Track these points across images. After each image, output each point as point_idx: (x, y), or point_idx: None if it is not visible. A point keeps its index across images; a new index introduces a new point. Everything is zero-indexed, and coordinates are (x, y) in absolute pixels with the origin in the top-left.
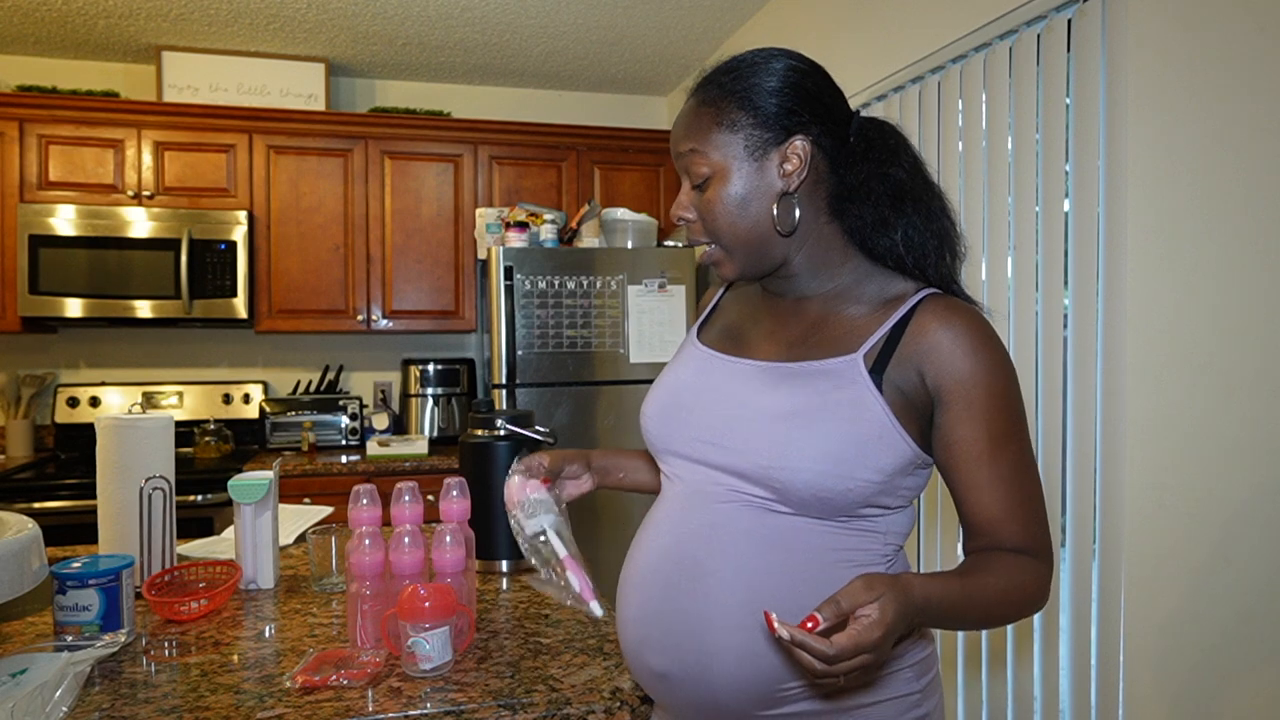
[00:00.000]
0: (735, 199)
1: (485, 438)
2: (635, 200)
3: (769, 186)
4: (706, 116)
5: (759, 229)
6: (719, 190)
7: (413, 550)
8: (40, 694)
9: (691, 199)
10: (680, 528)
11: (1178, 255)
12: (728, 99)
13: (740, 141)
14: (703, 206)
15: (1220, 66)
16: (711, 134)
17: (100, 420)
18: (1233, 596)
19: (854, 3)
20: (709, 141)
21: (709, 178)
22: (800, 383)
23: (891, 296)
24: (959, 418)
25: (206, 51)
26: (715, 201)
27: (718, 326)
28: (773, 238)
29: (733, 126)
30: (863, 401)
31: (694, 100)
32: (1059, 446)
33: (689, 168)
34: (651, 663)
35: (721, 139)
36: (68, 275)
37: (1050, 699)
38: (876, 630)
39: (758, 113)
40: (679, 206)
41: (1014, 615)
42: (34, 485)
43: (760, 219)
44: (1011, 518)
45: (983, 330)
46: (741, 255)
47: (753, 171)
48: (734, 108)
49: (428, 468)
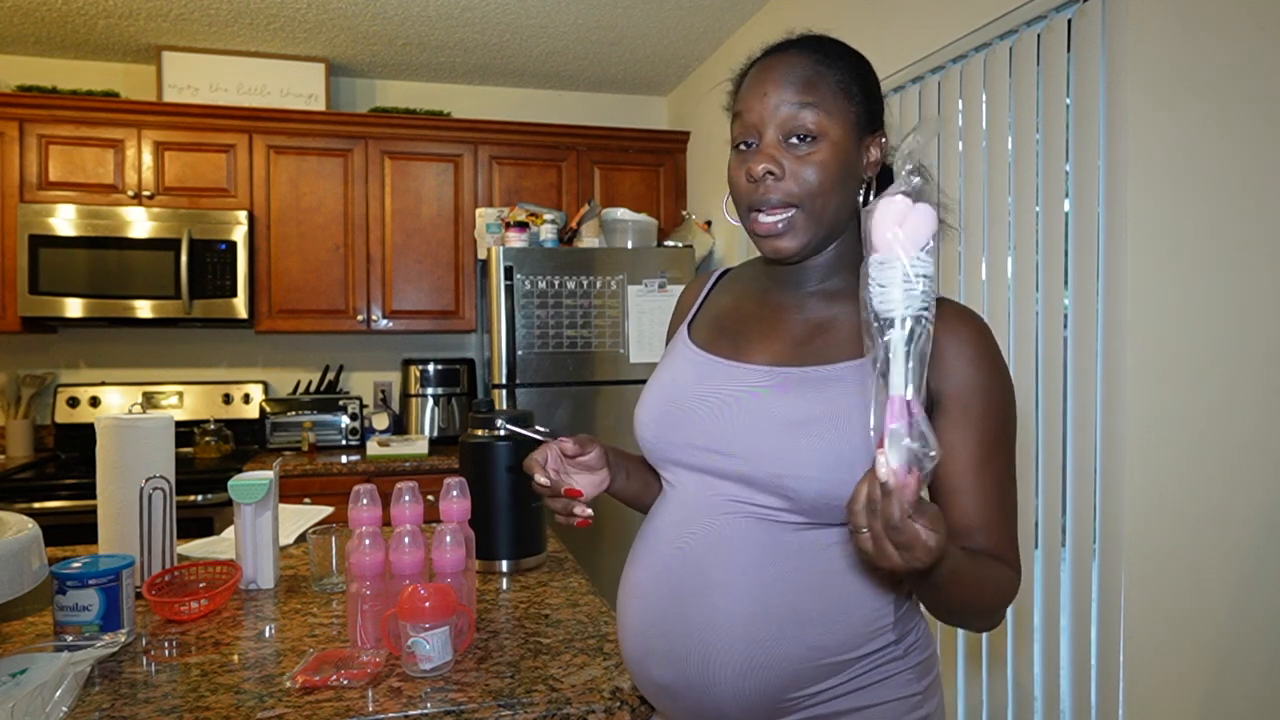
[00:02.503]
0: (839, 168)
1: (485, 438)
2: (635, 200)
3: (858, 169)
4: (829, 76)
5: (842, 208)
6: (826, 155)
7: (413, 550)
8: (40, 694)
9: (780, 153)
10: (683, 537)
11: (1178, 255)
12: (851, 70)
13: (855, 115)
14: (797, 165)
15: (1220, 66)
16: (834, 96)
17: (100, 420)
18: (1233, 596)
19: (854, 3)
20: (829, 101)
21: (816, 137)
22: (810, 389)
23: None
24: (954, 423)
25: (206, 51)
26: (820, 165)
27: (708, 324)
28: (842, 221)
29: (851, 98)
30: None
31: (811, 56)
32: (1059, 447)
33: (795, 121)
34: (655, 674)
35: (842, 105)
36: (68, 275)
37: (1051, 699)
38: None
39: (869, 93)
40: (768, 158)
41: (988, 609)
42: (34, 485)
43: (844, 199)
44: (989, 526)
45: (988, 340)
46: (816, 229)
47: (855, 147)
48: (855, 81)
49: (428, 468)
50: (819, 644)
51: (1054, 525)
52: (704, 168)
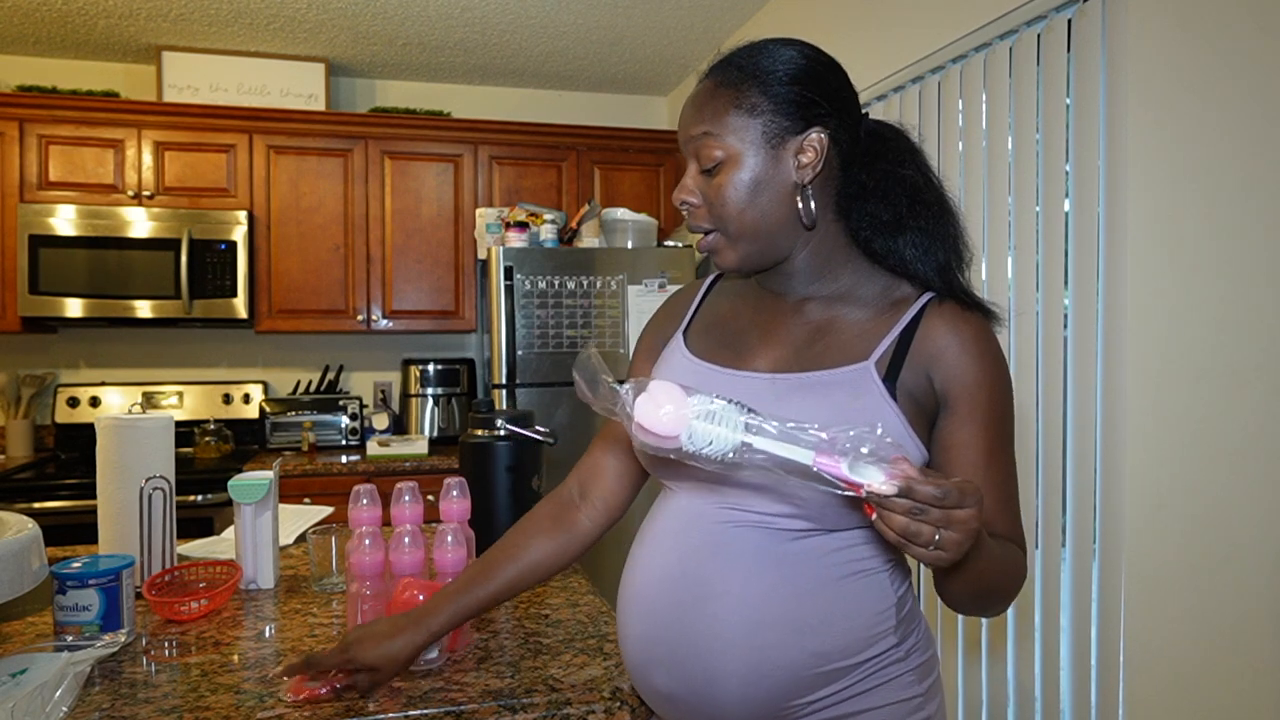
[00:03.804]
0: (746, 186)
1: (485, 438)
2: (635, 200)
3: (783, 177)
4: (724, 98)
5: (767, 220)
6: (730, 175)
7: (413, 550)
8: (40, 694)
9: (698, 183)
10: (684, 545)
11: (1178, 255)
12: (748, 82)
13: (758, 127)
14: (710, 191)
15: (1220, 66)
16: (728, 116)
17: (100, 420)
18: (1233, 596)
19: (854, 3)
20: (724, 124)
21: (720, 162)
22: (814, 394)
23: (895, 300)
24: (963, 421)
25: (206, 51)
26: (725, 186)
27: (704, 332)
28: (780, 230)
29: (751, 111)
30: (879, 411)
31: (710, 81)
32: (1059, 446)
33: (700, 150)
34: (657, 683)
35: (738, 122)
36: (68, 275)
37: (1050, 698)
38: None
39: (779, 100)
40: (683, 190)
41: (1009, 591)
42: (34, 485)
43: (769, 210)
44: (1001, 515)
45: (989, 337)
46: (745, 245)
47: (768, 159)
48: (755, 92)
49: (428, 468)
50: (821, 650)
51: (1054, 525)
52: None
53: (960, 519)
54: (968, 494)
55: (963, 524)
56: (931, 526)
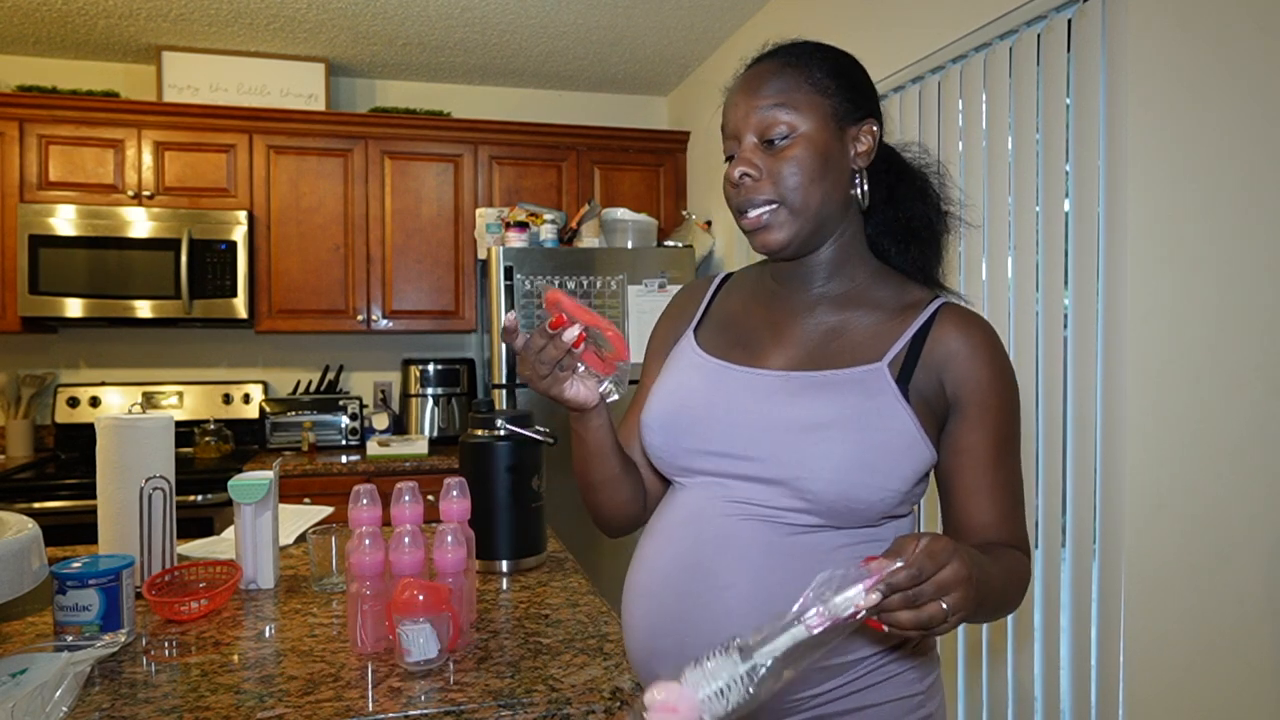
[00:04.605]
0: (817, 161)
1: (485, 438)
2: (635, 200)
3: (845, 160)
4: (795, 74)
5: (829, 199)
6: (800, 150)
7: (413, 550)
8: (40, 694)
9: (757, 155)
10: (692, 537)
11: (1178, 255)
12: (820, 63)
13: (829, 106)
14: (774, 164)
15: (1220, 66)
16: (802, 91)
17: (100, 420)
18: (1233, 596)
19: (854, 3)
20: (797, 97)
21: (789, 135)
22: (828, 393)
23: (907, 303)
24: (973, 424)
25: (206, 51)
26: (795, 160)
27: (716, 329)
28: (832, 213)
29: (824, 90)
30: (892, 411)
31: (778, 60)
32: (1059, 446)
33: (766, 121)
34: (661, 674)
35: (811, 99)
36: (68, 275)
37: (1051, 699)
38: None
39: (844, 85)
40: (744, 162)
41: (1015, 599)
42: (34, 485)
43: (830, 190)
44: (1006, 520)
45: (997, 342)
46: (801, 222)
47: (834, 139)
48: (826, 73)
49: (428, 468)
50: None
51: (1054, 525)
52: (704, 168)
53: (949, 580)
54: (938, 553)
55: (956, 583)
56: (934, 603)
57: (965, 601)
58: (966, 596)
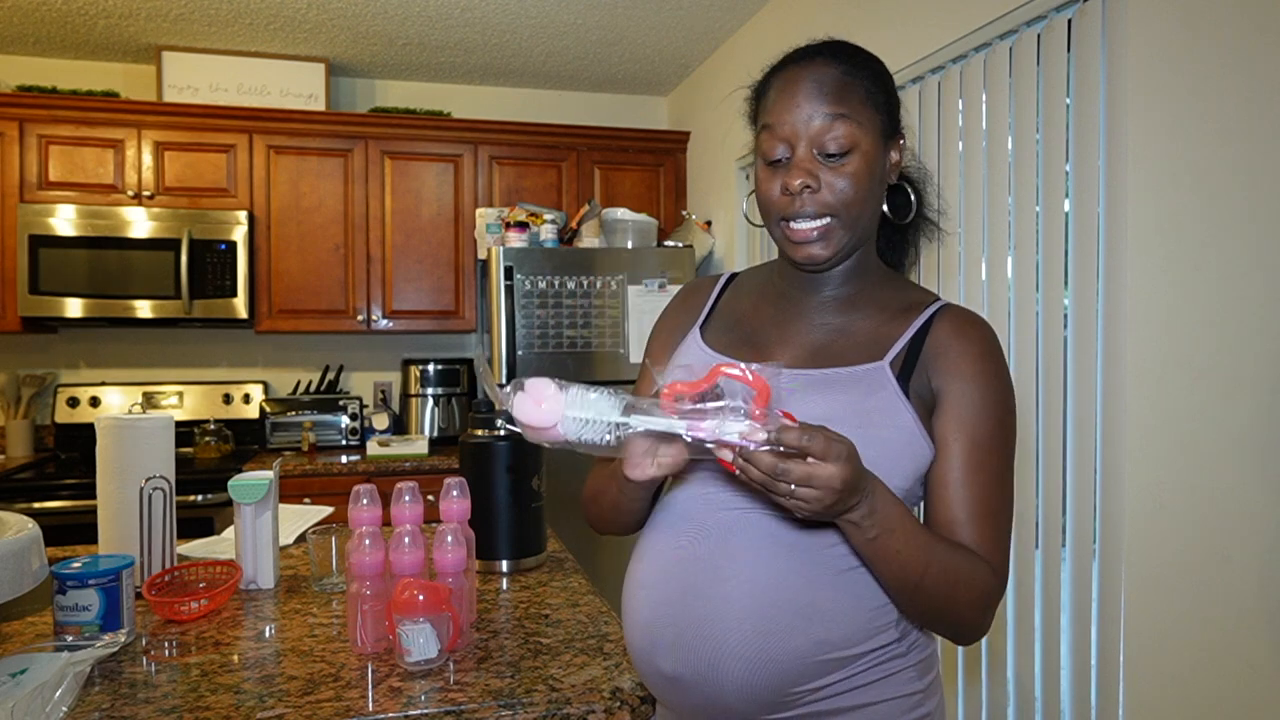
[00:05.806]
0: (870, 176)
1: (485, 438)
2: (635, 200)
3: (885, 174)
4: (857, 87)
5: (873, 216)
6: (859, 165)
7: (413, 550)
8: (40, 694)
9: (815, 165)
10: (693, 531)
11: (1178, 255)
12: (875, 77)
13: (880, 121)
14: (832, 177)
15: (1220, 66)
16: (864, 106)
17: (100, 420)
18: (1233, 596)
19: (854, 3)
20: (860, 111)
21: (851, 150)
22: (832, 390)
23: (908, 305)
24: (950, 420)
25: (206, 51)
26: (853, 176)
27: (723, 327)
28: (871, 226)
29: (877, 105)
30: (894, 409)
31: (839, 65)
32: (1059, 446)
33: (828, 133)
34: (662, 666)
35: (869, 114)
36: (68, 275)
37: (1051, 699)
38: (848, 451)
39: (889, 100)
40: (804, 173)
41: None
42: (34, 485)
43: (875, 206)
44: (973, 520)
45: (993, 346)
46: (850, 235)
47: (882, 154)
48: (878, 88)
49: (428, 468)
50: (825, 638)
51: (1054, 525)
52: (704, 168)
53: (822, 478)
54: (833, 453)
55: (825, 484)
56: (789, 485)
57: (817, 504)
58: (822, 502)
